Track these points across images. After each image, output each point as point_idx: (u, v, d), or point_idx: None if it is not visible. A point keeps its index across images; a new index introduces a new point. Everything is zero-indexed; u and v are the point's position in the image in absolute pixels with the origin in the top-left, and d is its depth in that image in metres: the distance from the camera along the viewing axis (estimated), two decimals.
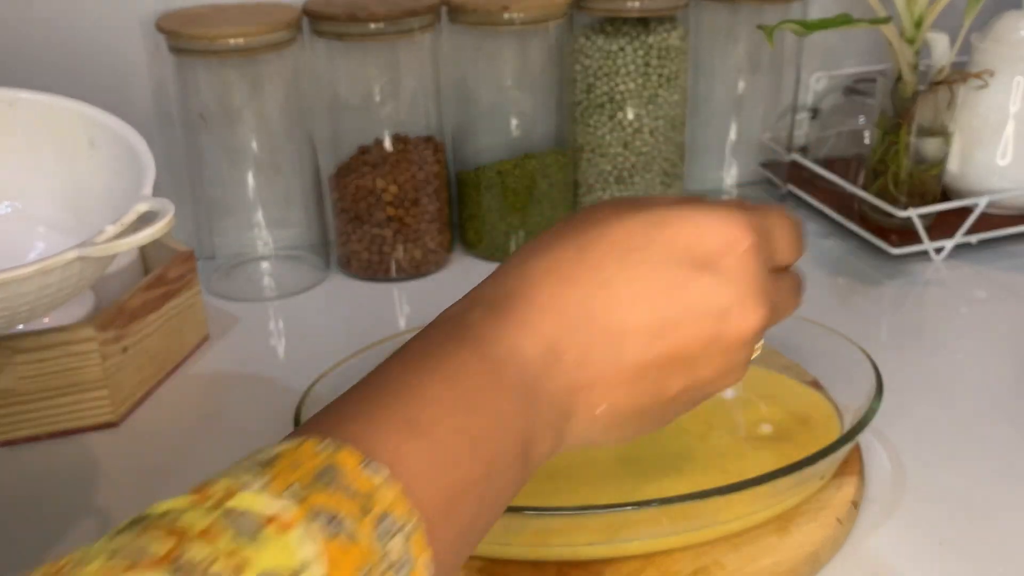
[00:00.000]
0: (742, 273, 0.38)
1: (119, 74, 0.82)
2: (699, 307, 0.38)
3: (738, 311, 0.38)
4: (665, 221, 0.38)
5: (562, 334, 0.36)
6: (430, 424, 0.32)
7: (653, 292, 0.37)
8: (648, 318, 0.37)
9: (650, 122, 0.86)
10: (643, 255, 0.37)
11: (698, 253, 0.38)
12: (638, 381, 0.38)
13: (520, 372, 0.35)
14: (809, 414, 0.61)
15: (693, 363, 0.38)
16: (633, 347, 0.37)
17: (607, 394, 0.37)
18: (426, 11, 0.79)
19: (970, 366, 0.72)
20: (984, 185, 0.88)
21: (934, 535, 0.55)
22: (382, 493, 0.29)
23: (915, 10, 0.81)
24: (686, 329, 0.37)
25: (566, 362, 0.36)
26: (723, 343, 0.38)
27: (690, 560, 0.51)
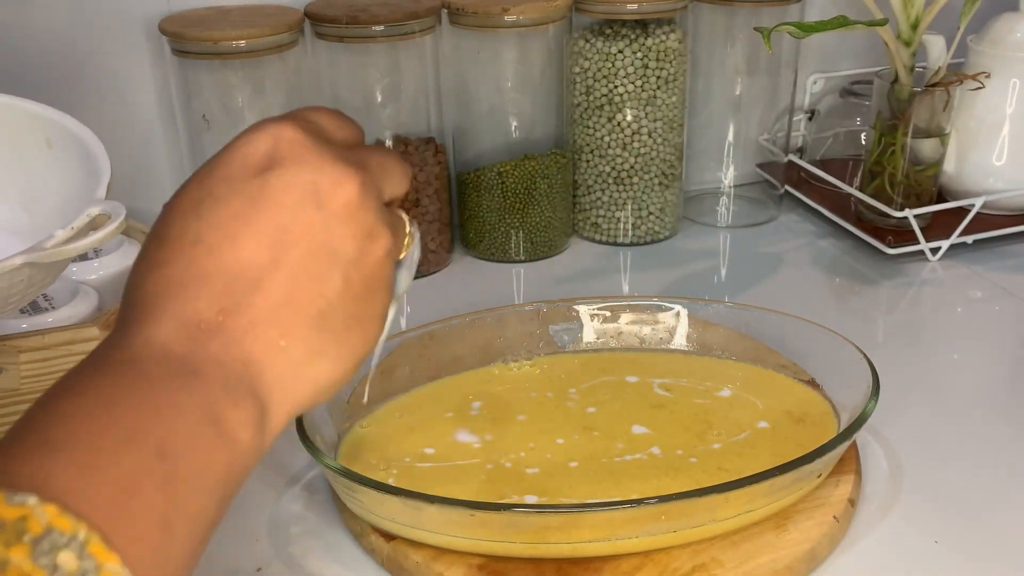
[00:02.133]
0: (302, 151, 0.38)
1: (122, 76, 0.83)
2: (288, 202, 0.37)
3: (326, 182, 0.37)
4: (210, 165, 0.38)
5: (187, 304, 0.35)
6: (66, 437, 0.31)
7: (241, 218, 0.36)
8: (255, 240, 0.36)
9: (648, 123, 0.87)
10: (210, 199, 0.37)
11: (254, 163, 0.37)
12: (293, 294, 0.37)
13: (163, 357, 0.34)
14: (806, 413, 0.61)
15: (328, 247, 0.38)
16: (261, 272, 0.36)
17: (275, 323, 0.36)
18: (427, 13, 0.79)
19: (966, 365, 0.73)
20: (980, 186, 0.89)
21: (930, 533, 0.56)
22: (36, 516, 0.28)
23: (911, 12, 0.82)
24: (295, 224, 0.37)
25: (208, 323, 0.35)
26: (336, 216, 0.38)
27: (688, 557, 0.52)
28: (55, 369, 0.64)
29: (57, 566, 0.27)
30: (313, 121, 0.40)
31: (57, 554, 0.27)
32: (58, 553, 0.27)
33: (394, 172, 0.42)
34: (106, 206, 0.47)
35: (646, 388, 0.64)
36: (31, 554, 0.27)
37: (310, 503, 0.59)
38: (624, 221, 0.90)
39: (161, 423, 0.33)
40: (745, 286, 0.84)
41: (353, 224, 0.38)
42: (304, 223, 0.37)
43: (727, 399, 0.63)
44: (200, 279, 0.36)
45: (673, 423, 0.61)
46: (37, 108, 0.56)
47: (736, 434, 0.60)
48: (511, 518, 0.50)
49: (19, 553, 0.27)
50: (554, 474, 0.56)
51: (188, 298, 0.35)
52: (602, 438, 0.59)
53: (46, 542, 0.27)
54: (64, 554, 0.28)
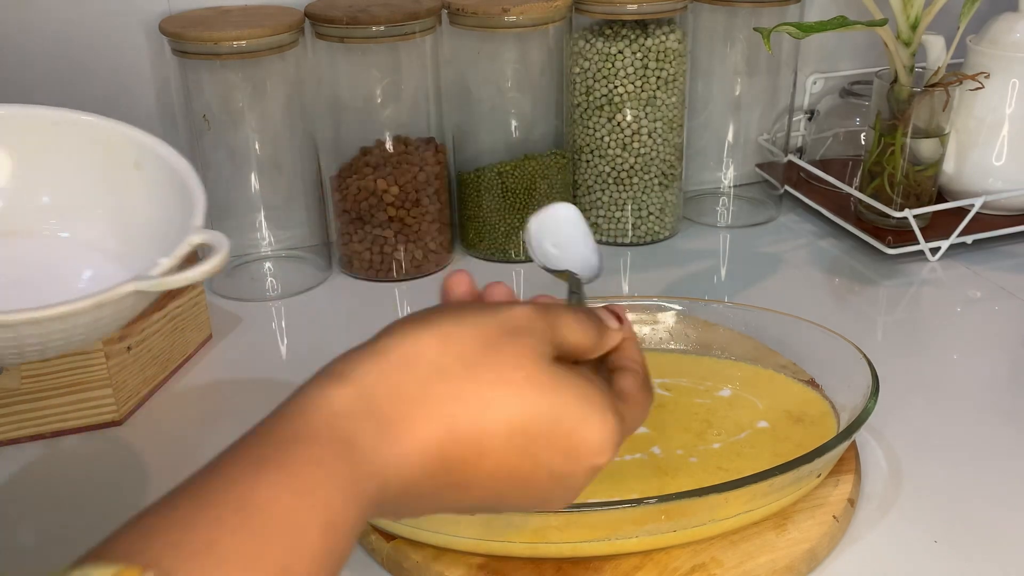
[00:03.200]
0: (612, 449, 0.39)
1: (123, 76, 0.83)
2: (573, 487, 0.39)
3: (602, 464, 0.39)
4: (555, 422, 0.37)
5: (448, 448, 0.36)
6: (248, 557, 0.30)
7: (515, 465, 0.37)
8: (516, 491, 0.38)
9: (648, 124, 0.87)
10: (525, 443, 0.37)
11: (578, 450, 0.38)
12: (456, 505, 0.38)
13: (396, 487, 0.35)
14: (806, 412, 0.61)
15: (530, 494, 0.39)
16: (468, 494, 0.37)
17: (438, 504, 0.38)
18: (427, 14, 0.79)
19: (965, 365, 0.73)
20: (979, 186, 0.89)
21: (929, 532, 0.56)
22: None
23: (911, 12, 0.82)
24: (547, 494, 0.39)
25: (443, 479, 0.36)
26: (581, 480, 0.39)
27: (688, 557, 0.52)
28: (55, 368, 0.64)
29: None
30: (627, 400, 0.41)
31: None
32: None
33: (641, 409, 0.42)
34: (207, 236, 0.46)
35: None
36: None
37: None
38: (624, 221, 0.90)
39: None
40: (745, 286, 0.84)
41: (581, 487, 0.39)
42: (562, 492, 0.39)
43: (727, 399, 0.63)
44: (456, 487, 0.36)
45: (673, 423, 0.61)
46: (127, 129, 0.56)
47: (736, 434, 0.60)
48: (511, 518, 0.50)
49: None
50: None
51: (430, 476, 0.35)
52: None
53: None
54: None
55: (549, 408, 0.37)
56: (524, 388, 0.37)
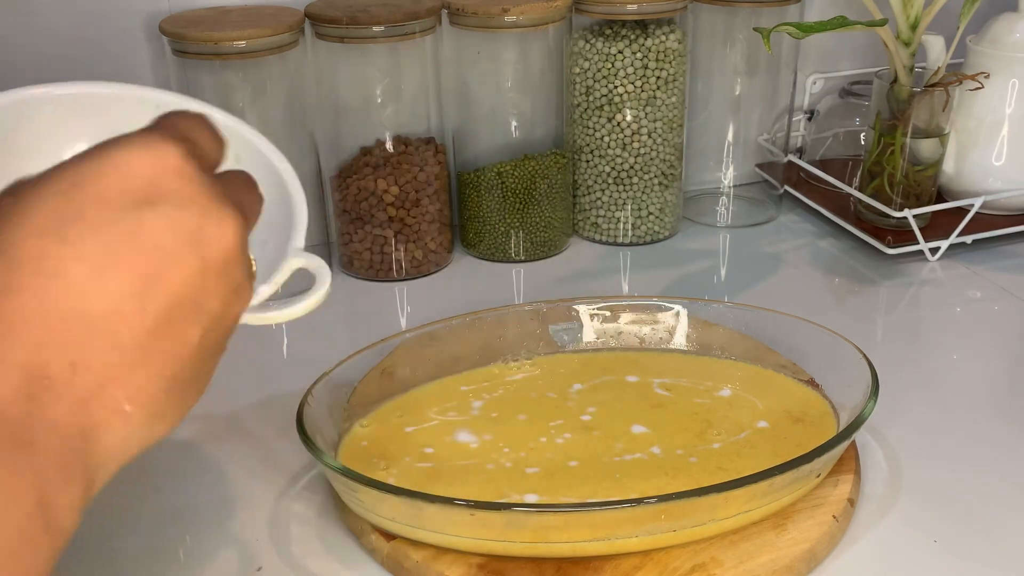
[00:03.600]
0: (190, 187, 0.33)
1: (123, 76, 0.82)
2: (168, 245, 0.32)
3: (210, 227, 0.33)
4: (82, 173, 0.32)
5: (37, 351, 0.30)
6: None
7: (113, 255, 0.31)
8: (124, 285, 0.31)
9: (648, 124, 0.87)
10: (81, 223, 0.31)
11: (135, 189, 0.32)
12: (151, 353, 0.32)
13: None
14: (805, 412, 0.61)
15: (196, 303, 0.33)
16: (125, 323, 0.31)
17: (124, 385, 0.32)
18: (427, 14, 0.79)
19: (965, 365, 0.73)
20: (979, 186, 0.89)
21: (929, 532, 0.56)
22: None
23: (911, 12, 0.82)
24: (170, 274, 0.32)
25: (58, 379, 0.30)
26: (214, 266, 0.33)
27: (688, 557, 0.52)
28: None
29: None
30: (193, 141, 0.35)
31: None
32: None
33: (255, 200, 0.38)
34: (308, 260, 0.42)
35: (646, 388, 0.64)
36: None
37: (310, 503, 0.59)
38: (624, 221, 0.90)
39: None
40: (745, 286, 0.84)
41: (226, 278, 0.34)
42: (179, 273, 0.32)
43: (727, 399, 0.63)
44: (57, 320, 0.30)
45: (673, 423, 0.61)
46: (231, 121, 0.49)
47: (736, 434, 0.60)
48: (511, 517, 0.50)
49: None
50: (554, 473, 0.56)
51: (38, 345, 0.30)
52: (602, 438, 0.60)
53: None
54: None
55: (64, 178, 0.32)
56: (20, 193, 0.32)
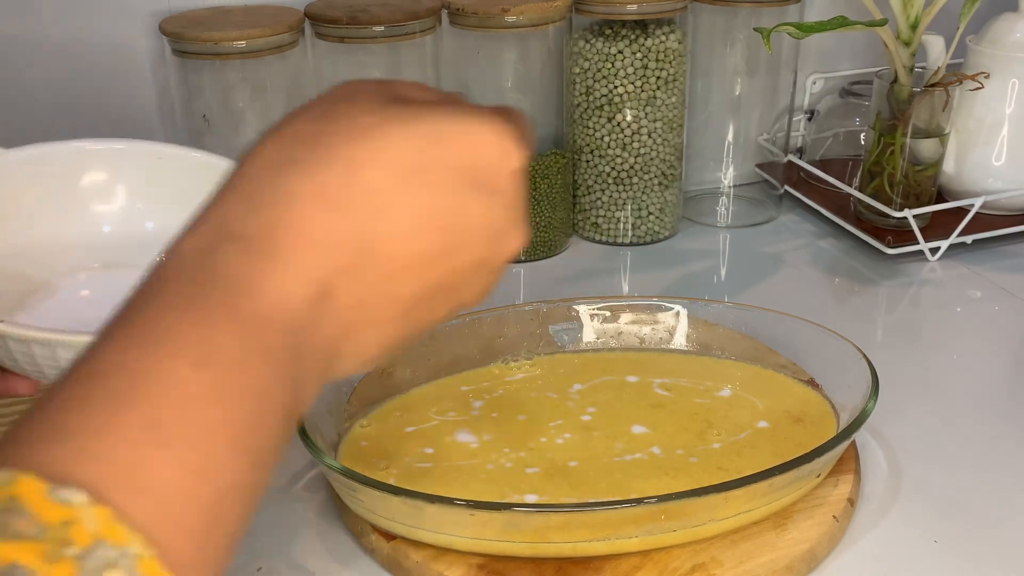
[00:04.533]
0: (512, 194, 0.35)
1: (123, 76, 0.83)
2: (478, 231, 0.34)
3: (509, 233, 0.36)
4: (443, 137, 0.34)
5: (335, 273, 0.31)
6: (179, 424, 0.26)
7: (436, 219, 0.33)
8: (426, 247, 0.33)
9: (648, 124, 0.87)
10: (424, 177, 0.33)
11: (478, 171, 0.34)
12: (410, 315, 0.34)
13: (286, 327, 0.30)
14: (806, 412, 0.61)
15: (459, 290, 0.35)
16: (410, 279, 0.33)
17: (380, 332, 0.33)
18: (427, 14, 0.79)
19: (965, 365, 0.73)
20: (979, 186, 0.89)
21: (929, 532, 0.56)
22: (84, 521, 0.23)
23: (911, 12, 0.82)
24: (460, 255, 0.34)
25: (339, 305, 0.31)
26: (491, 265, 0.36)
27: (688, 557, 0.52)
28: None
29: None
30: (527, 152, 0.37)
31: (102, 574, 0.23)
32: (105, 573, 0.23)
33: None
34: None
35: (646, 388, 0.64)
36: (80, 571, 0.22)
37: (310, 503, 0.59)
38: (624, 221, 0.90)
39: (265, 420, 0.29)
40: (745, 286, 0.84)
41: (487, 280, 0.37)
42: (468, 258, 0.35)
43: (727, 399, 0.63)
44: (362, 253, 0.32)
45: (673, 423, 0.61)
46: (219, 161, 0.57)
47: (736, 434, 0.60)
48: (511, 518, 0.50)
49: (62, 569, 0.22)
50: (554, 474, 0.56)
51: (341, 265, 0.31)
52: (602, 438, 0.60)
53: (95, 557, 0.23)
54: (114, 573, 0.23)
55: (426, 133, 0.33)
56: (386, 126, 0.33)
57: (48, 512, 0.23)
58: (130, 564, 0.23)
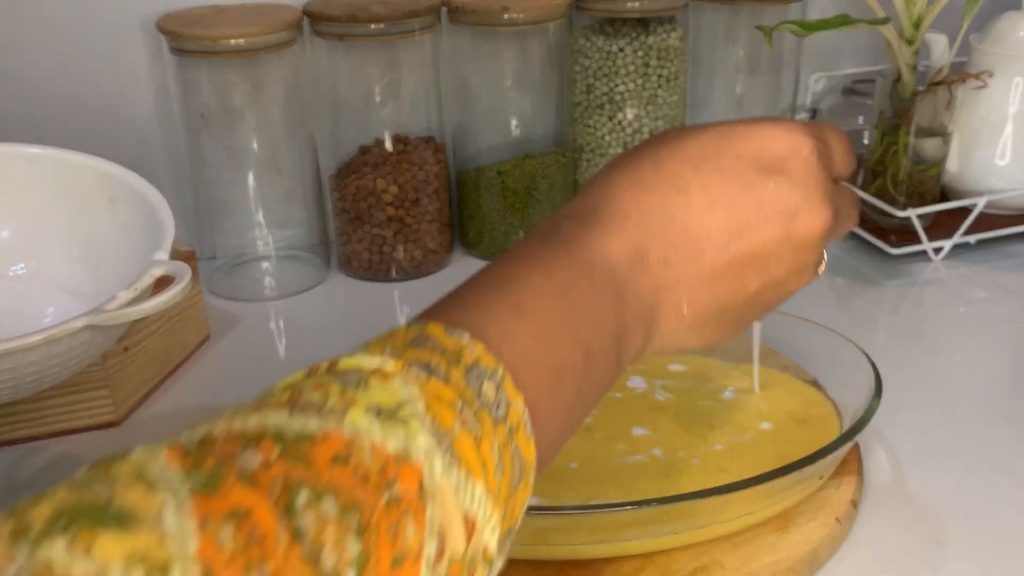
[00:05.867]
0: (807, 175, 0.41)
1: (120, 75, 0.82)
2: (770, 208, 0.40)
3: (806, 210, 0.41)
4: (733, 132, 0.41)
5: (645, 237, 0.39)
6: (532, 307, 0.35)
7: (727, 196, 0.40)
8: (724, 220, 0.40)
9: (649, 122, 0.86)
10: (715, 163, 0.40)
11: (766, 158, 0.41)
12: (718, 280, 0.40)
13: (609, 271, 0.38)
14: (808, 413, 0.61)
15: (766, 262, 0.41)
16: (711, 248, 0.40)
17: (690, 293, 0.40)
18: (426, 12, 0.79)
19: (969, 366, 0.72)
20: (983, 185, 0.89)
21: (932, 534, 0.55)
22: (468, 349, 0.33)
23: (914, 11, 0.82)
24: (759, 230, 0.40)
25: (651, 263, 0.39)
26: (793, 242, 0.41)
27: (690, 559, 0.52)
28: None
29: (481, 391, 0.32)
30: (830, 146, 0.44)
31: (482, 382, 0.32)
32: (482, 382, 0.32)
33: (848, 224, 0.46)
34: (170, 267, 0.47)
35: (648, 390, 0.64)
36: (465, 376, 0.32)
37: None
38: None
39: (594, 328, 0.37)
40: None
41: (796, 256, 0.42)
42: (767, 232, 0.41)
43: (729, 401, 0.63)
44: (668, 222, 0.40)
45: (675, 424, 0.60)
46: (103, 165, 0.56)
47: (738, 435, 0.59)
48: None
49: (457, 373, 0.32)
50: (554, 475, 0.56)
51: (649, 233, 0.39)
52: (603, 439, 0.59)
53: (475, 371, 0.32)
54: (487, 384, 0.32)
55: (718, 131, 0.42)
56: (687, 132, 0.42)
57: (447, 341, 0.33)
58: (498, 380, 0.33)
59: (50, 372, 0.44)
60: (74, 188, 0.55)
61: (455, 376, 0.32)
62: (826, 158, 0.43)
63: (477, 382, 0.32)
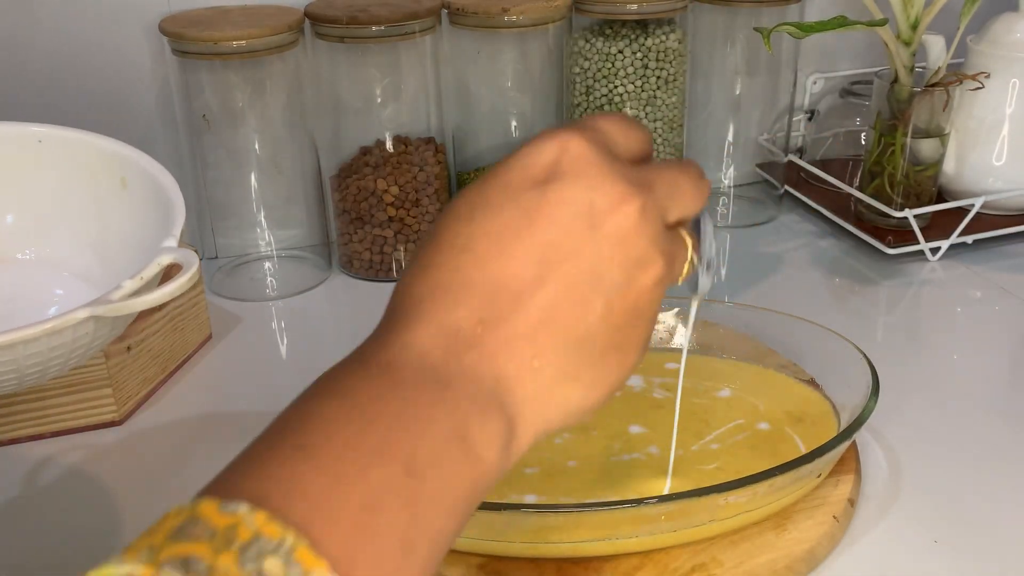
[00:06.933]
0: (586, 167, 0.36)
1: (123, 76, 0.83)
2: (562, 216, 0.35)
3: (602, 199, 0.36)
4: (494, 169, 0.37)
5: (449, 312, 0.35)
6: (321, 442, 0.31)
7: (513, 229, 0.35)
8: (523, 253, 0.35)
9: (648, 124, 0.87)
10: (486, 206, 0.36)
11: (535, 174, 0.36)
12: (553, 315, 0.35)
13: (420, 365, 0.34)
14: (806, 412, 0.61)
15: (594, 270, 0.36)
16: (526, 287, 0.35)
17: (531, 343, 0.35)
18: (427, 14, 0.79)
19: (965, 365, 0.73)
20: (980, 186, 0.89)
21: (930, 532, 0.56)
22: (245, 523, 0.28)
23: (911, 12, 0.82)
24: (563, 243, 0.35)
25: (468, 334, 0.34)
26: (608, 236, 0.36)
27: (688, 557, 0.52)
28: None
29: (262, 572, 0.27)
30: (602, 131, 0.38)
31: (263, 561, 0.27)
32: (263, 559, 0.27)
33: (685, 191, 0.40)
34: (178, 255, 0.44)
35: (645, 388, 0.64)
36: (239, 559, 0.27)
37: None
38: None
39: (411, 437, 0.32)
40: (745, 286, 0.84)
41: (624, 249, 0.36)
42: (574, 242, 0.35)
43: (727, 399, 0.63)
44: (464, 287, 0.35)
45: (672, 423, 0.61)
46: (115, 146, 0.53)
47: (736, 434, 0.60)
48: (511, 518, 0.50)
49: (227, 559, 0.27)
50: (553, 474, 0.56)
51: (451, 305, 0.35)
52: (600, 438, 0.59)
53: (254, 548, 0.27)
54: (270, 560, 0.27)
55: (488, 173, 0.37)
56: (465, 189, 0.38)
57: (218, 520, 0.28)
58: (286, 551, 0.28)
59: (54, 363, 0.43)
60: (86, 169, 0.53)
61: (223, 565, 0.27)
62: (604, 143, 0.37)
63: (256, 562, 0.27)
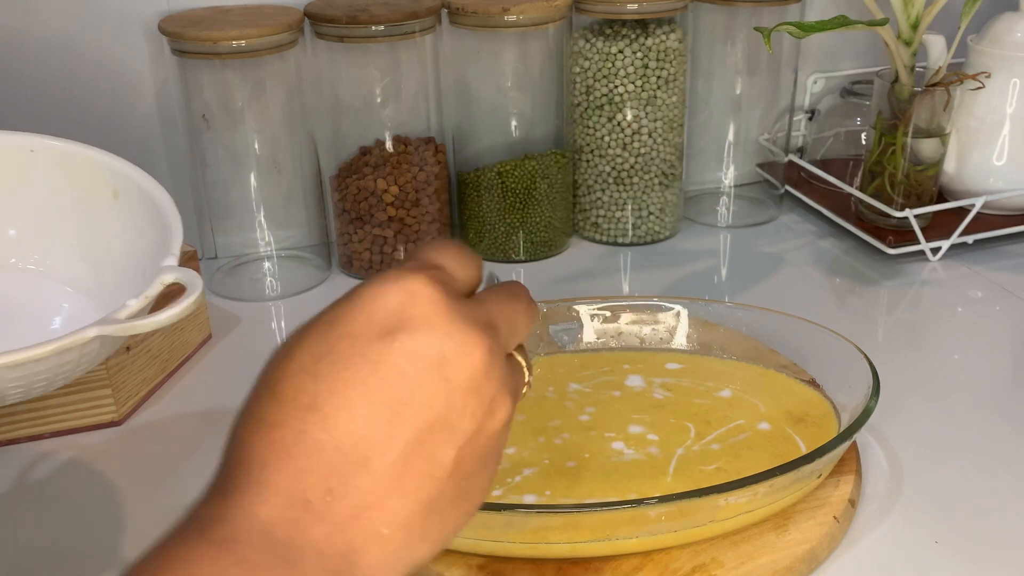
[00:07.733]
0: (433, 313, 0.34)
1: (122, 76, 0.83)
2: (411, 369, 0.33)
3: (453, 348, 0.34)
4: (335, 314, 0.35)
5: (295, 481, 0.32)
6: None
7: (360, 387, 0.33)
8: (371, 413, 0.33)
9: (649, 123, 0.87)
10: (331, 358, 0.34)
11: (380, 321, 0.34)
12: (404, 477, 0.33)
13: (266, 540, 0.31)
14: (807, 413, 0.61)
15: (445, 424, 0.34)
16: (375, 450, 0.33)
17: (382, 511, 0.33)
18: (427, 13, 0.79)
19: (966, 365, 0.73)
20: (980, 186, 0.89)
21: (930, 533, 0.56)
22: None
23: (912, 12, 0.82)
24: (415, 398, 0.33)
25: (317, 505, 0.32)
26: (461, 387, 0.34)
27: (689, 558, 0.52)
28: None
29: None
30: (442, 268, 0.37)
31: None
32: None
33: (520, 322, 0.39)
34: (181, 275, 0.44)
35: (646, 388, 0.64)
36: None
37: None
38: (624, 221, 0.90)
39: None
40: (745, 286, 0.84)
41: (475, 397, 0.35)
42: (425, 397, 0.34)
43: (727, 399, 0.63)
44: (311, 453, 0.33)
45: (673, 423, 0.61)
46: (105, 157, 0.53)
47: (736, 434, 0.59)
48: (511, 518, 0.50)
49: None
50: (553, 474, 0.56)
51: (298, 472, 0.32)
52: (600, 438, 0.59)
53: None
54: None
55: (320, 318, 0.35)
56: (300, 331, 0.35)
57: None
58: None
59: (60, 378, 0.44)
60: (78, 180, 0.53)
61: None
62: (446, 282, 0.36)
63: None
